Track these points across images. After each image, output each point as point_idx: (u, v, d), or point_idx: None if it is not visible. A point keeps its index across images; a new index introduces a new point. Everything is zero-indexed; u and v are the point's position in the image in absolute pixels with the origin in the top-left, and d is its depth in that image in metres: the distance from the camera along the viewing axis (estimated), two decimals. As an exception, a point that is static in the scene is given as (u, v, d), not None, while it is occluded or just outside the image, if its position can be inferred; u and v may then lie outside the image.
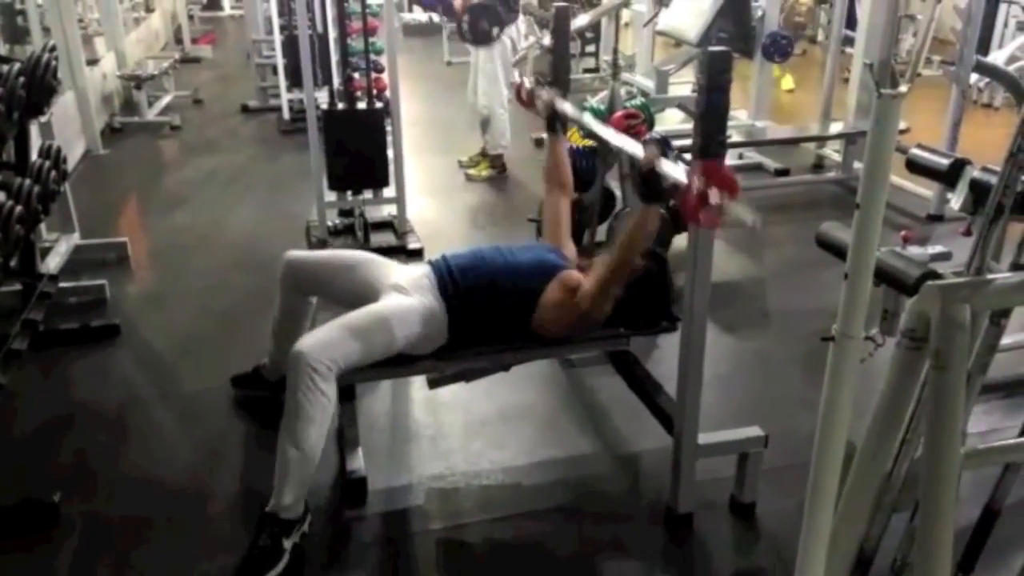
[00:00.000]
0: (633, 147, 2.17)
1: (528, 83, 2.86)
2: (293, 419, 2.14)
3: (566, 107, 2.72)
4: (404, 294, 2.38)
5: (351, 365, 2.22)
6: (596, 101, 3.65)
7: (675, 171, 1.91)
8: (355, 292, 2.46)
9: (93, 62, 6.36)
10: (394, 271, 2.53)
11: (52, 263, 3.60)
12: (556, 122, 2.76)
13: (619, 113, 3.41)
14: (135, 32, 8.24)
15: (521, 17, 5.71)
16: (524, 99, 2.88)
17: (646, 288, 2.39)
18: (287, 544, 2.14)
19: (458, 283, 2.39)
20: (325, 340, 2.19)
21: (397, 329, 2.28)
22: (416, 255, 4.13)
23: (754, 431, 2.37)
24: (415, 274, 2.47)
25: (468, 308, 2.37)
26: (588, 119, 2.64)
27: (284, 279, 2.67)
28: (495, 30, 5.04)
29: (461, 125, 6.07)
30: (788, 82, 8.00)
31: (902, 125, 4.73)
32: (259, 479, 2.23)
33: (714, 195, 1.74)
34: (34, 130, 3.35)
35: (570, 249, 2.68)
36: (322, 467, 2.21)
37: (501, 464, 2.62)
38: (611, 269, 2.20)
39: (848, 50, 5.99)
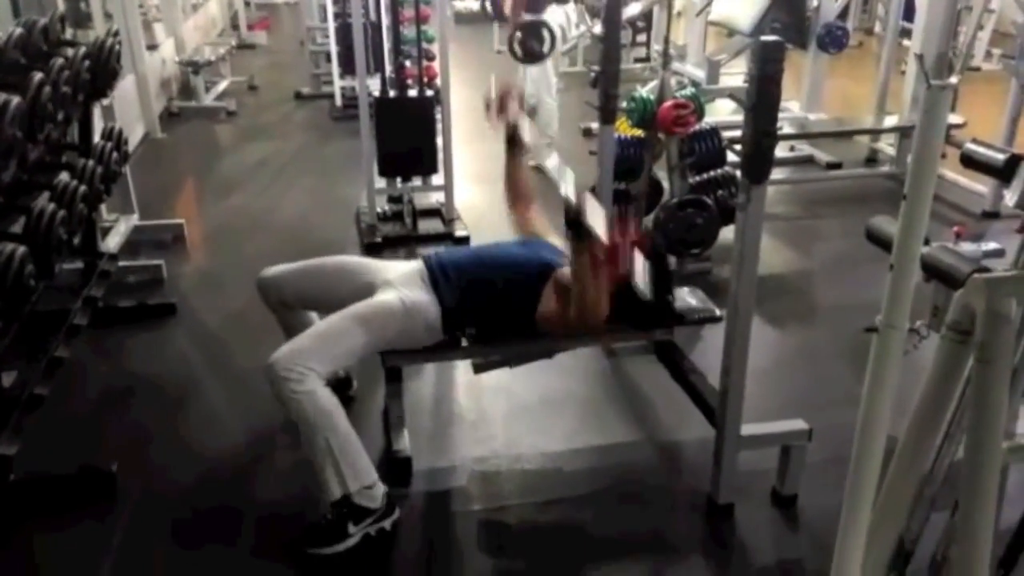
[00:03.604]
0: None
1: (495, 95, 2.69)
2: (298, 425, 2.16)
3: (526, 131, 2.61)
4: (391, 290, 2.38)
5: (333, 367, 2.25)
6: (646, 91, 3.63)
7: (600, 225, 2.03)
8: (347, 297, 2.37)
9: (153, 48, 6.53)
10: (385, 269, 2.53)
11: (112, 242, 3.71)
12: (516, 139, 2.69)
13: (669, 103, 3.41)
14: (193, 18, 8.40)
15: (572, 5, 5.68)
16: (496, 108, 2.71)
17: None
18: (353, 530, 2.17)
19: (450, 277, 2.41)
20: (296, 348, 2.18)
21: (381, 327, 2.29)
22: (463, 241, 4.17)
23: (798, 424, 2.37)
24: (406, 270, 2.48)
25: (464, 302, 2.38)
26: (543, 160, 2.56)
27: (265, 299, 2.63)
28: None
29: (510, 113, 6.07)
30: None
31: (958, 119, 4.64)
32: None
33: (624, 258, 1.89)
34: (97, 113, 3.45)
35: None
36: (369, 446, 2.26)
37: (542, 449, 2.65)
38: (575, 313, 2.22)
39: (905, 42, 5.87)
